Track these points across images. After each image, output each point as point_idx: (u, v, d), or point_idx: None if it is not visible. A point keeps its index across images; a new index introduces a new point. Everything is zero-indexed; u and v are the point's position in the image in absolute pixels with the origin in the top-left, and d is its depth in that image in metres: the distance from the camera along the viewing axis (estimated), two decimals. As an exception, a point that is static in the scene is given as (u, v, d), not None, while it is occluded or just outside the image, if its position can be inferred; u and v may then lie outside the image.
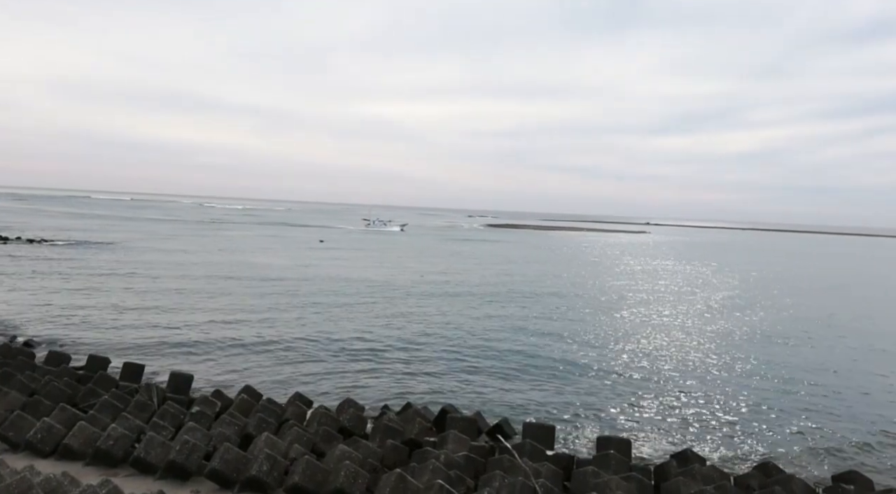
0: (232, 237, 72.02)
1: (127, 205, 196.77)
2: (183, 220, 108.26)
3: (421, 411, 12.84)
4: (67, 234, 60.55)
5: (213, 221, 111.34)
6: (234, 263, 43.13)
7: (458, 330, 24.14)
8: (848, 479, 10.38)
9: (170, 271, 36.91)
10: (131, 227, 79.88)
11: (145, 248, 50.70)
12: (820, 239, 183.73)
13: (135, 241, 56.94)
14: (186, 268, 38.60)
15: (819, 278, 55.80)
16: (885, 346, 25.18)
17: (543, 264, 56.95)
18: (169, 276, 34.60)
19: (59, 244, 50.20)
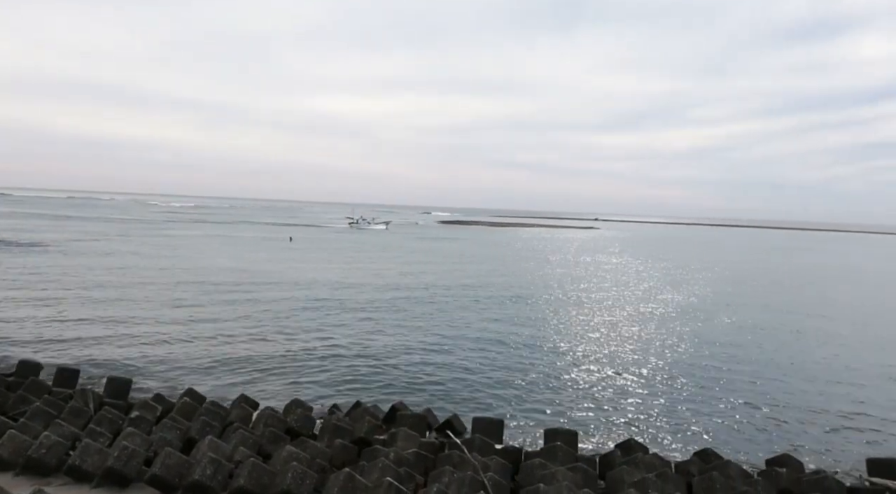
0: (176, 236, 69.89)
1: (61, 202, 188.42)
2: (122, 219, 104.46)
3: (370, 409, 12.77)
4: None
5: (154, 220, 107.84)
6: (177, 264, 41.93)
7: (411, 329, 24.11)
8: (780, 462, 10.86)
9: (107, 273, 35.57)
10: (65, 227, 76.48)
11: (81, 250, 48.60)
12: (758, 232, 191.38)
13: (68, 243, 54.34)
14: (125, 270, 37.30)
15: (758, 270, 58.11)
16: (819, 335, 26.41)
17: (495, 261, 57.46)
18: (105, 278, 33.35)
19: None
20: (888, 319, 31.68)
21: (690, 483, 9.88)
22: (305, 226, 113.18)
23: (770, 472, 10.40)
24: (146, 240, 61.82)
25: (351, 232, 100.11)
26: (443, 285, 37.10)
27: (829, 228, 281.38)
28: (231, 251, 53.80)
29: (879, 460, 10.70)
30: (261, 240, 70.55)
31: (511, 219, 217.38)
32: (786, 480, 10.06)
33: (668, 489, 9.35)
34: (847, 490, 9.93)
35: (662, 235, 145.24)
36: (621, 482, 9.60)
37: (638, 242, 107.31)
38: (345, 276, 39.08)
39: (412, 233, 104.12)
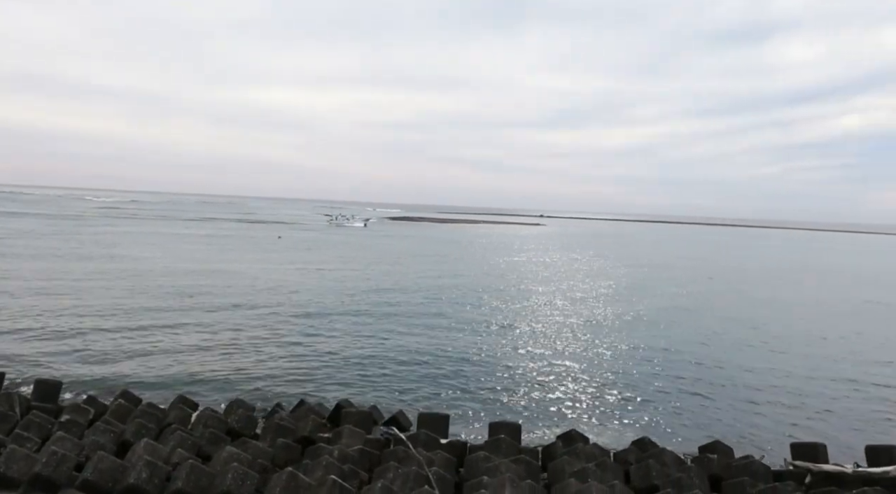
0: (108, 233, 67.18)
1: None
2: (51, 215, 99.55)
3: (315, 408, 12.64)
4: None
5: (81, 216, 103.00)
6: (111, 261, 40.36)
7: (357, 326, 23.97)
8: (712, 449, 11.35)
9: (36, 272, 33.90)
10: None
11: (6, 248, 46.16)
12: (693, 229, 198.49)
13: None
14: (53, 269, 35.63)
15: (696, 265, 60.30)
16: (749, 326, 27.65)
17: (442, 257, 57.62)
18: (33, 277, 31.79)
19: None
20: (813, 311, 33.40)
21: (628, 472, 10.21)
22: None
23: (702, 458, 10.86)
24: (82, 237, 59.15)
25: (332, 230, 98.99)
26: (391, 284, 37.00)
27: (756, 225, 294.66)
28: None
29: (802, 444, 11.31)
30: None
31: (458, 215, 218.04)
32: (717, 466, 10.53)
33: (606, 477, 9.63)
34: (773, 473, 10.46)
35: (604, 231, 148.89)
36: (562, 472, 9.84)
37: (582, 238, 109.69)
38: (299, 275, 38.48)
39: (365, 231, 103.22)
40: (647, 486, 9.67)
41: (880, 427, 14.88)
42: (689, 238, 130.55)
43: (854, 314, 32.66)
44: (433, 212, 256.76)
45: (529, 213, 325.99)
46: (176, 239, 63.14)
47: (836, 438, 13.76)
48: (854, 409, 16.17)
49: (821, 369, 20.18)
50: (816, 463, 10.64)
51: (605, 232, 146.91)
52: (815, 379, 18.95)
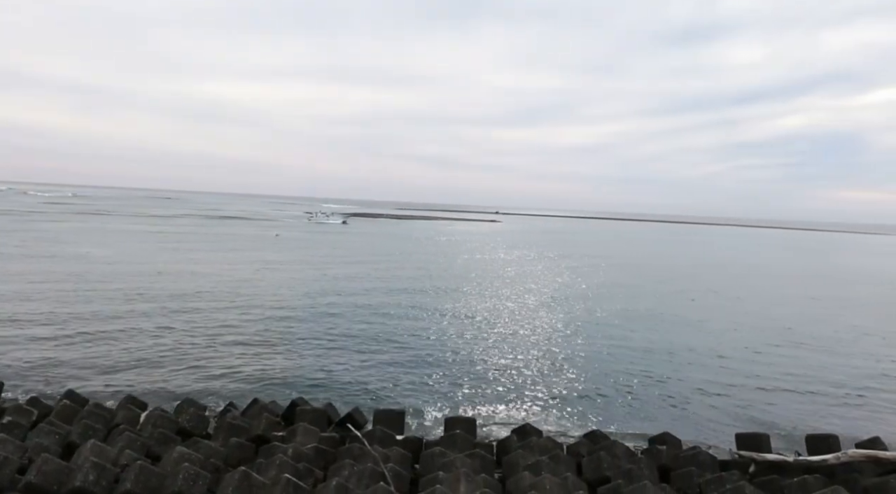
0: (56, 230, 64.68)
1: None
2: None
3: (269, 405, 12.48)
4: None
5: (25, 212, 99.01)
6: (56, 259, 38.90)
7: (312, 323, 23.72)
8: (661, 440, 11.70)
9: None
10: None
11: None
12: (646, 226, 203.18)
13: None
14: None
15: (646, 261, 61.76)
16: (698, 319, 28.50)
17: (402, 253, 57.48)
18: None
19: None
20: (758, 303, 34.60)
21: (580, 464, 10.44)
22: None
23: (652, 450, 11.19)
24: (27, 234, 56.75)
25: (312, 227, 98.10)
26: (348, 281, 36.75)
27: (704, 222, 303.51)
28: (116, 243, 50.46)
29: (746, 435, 11.76)
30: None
31: (415, 211, 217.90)
32: (666, 457, 10.86)
33: (559, 470, 9.82)
34: (719, 463, 10.85)
35: (559, 228, 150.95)
36: (516, 465, 10.00)
37: (537, 235, 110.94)
38: (259, 273, 37.79)
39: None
40: (598, 478, 9.91)
41: (820, 415, 15.56)
42: (642, 235, 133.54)
43: (793, 307, 33.98)
44: (390, 208, 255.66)
45: (485, 210, 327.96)
46: (130, 235, 61.21)
47: (779, 428, 14.37)
48: (795, 400, 16.86)
49: (763, 361, 20.96)
50: (760, 453, 11.08)
51: (559, 229, 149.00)
52: (758, 370, 19.67)
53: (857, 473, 10.10)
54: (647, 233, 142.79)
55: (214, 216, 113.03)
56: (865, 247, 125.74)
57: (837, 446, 11.06)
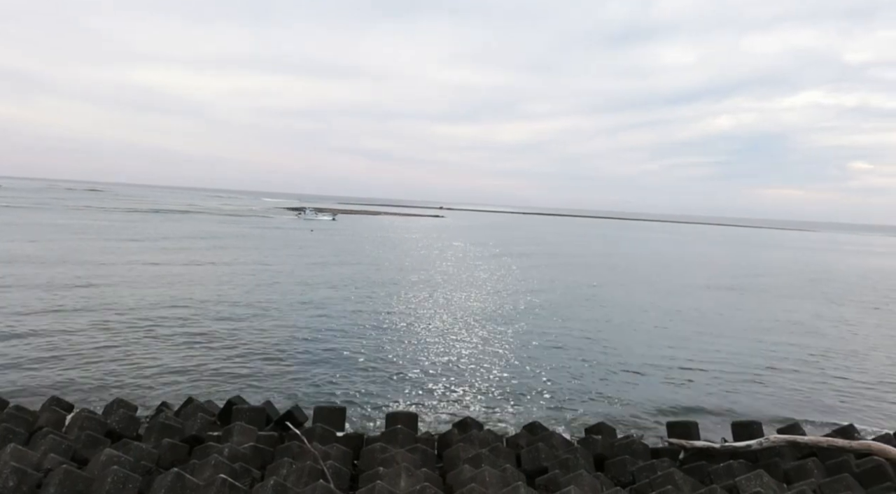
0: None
1: None
2: None
3: (204, 405, 12.14)
4: None
5: None
6: None
7: (252, 320, 23.19)
8: (597, 430, 12.03)
9: None
10: None
11: None
12: (586, 222, 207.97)
13: None
14: None
15: (585, 255, 63.22)
16: (631, 310, 29.41)
17: (343, 248, 56.84)
18: None
19: None
20: (689, 296, 35.98)
21: (519, 455, 10.62)
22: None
23: (588, 439, 11.49)
24: None
25: (301, 224, 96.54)
26: (285, 278, 36.10)
27: (641, 218, 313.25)
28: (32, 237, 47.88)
29: (676, 422, 12.22)
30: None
31: (358, 206, 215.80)
32: (601, 446, 11.18)
33: (499, 462, 9.96)
34: (651, 450, 11.25)
35: (502, 223, 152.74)
36: (457, 458, 10.08)
37: (479, 230, 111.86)
38: (193, 270, 36.57)
39: (253, 222, 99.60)
40: (536, 468, 10.11)
41: (745, 402, 16.33)
42: (582, 231, 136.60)
43: (718, 299, 35.52)
44: (332, 202, 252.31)
45: (430, 205, 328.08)
46: (59, 230, 58.15)
47: (708, 415, 15.01)
48: (723, 388, 17.64)
49: (692, 352, 21.84)
50: (689, 440, 11.55)
51: (502, 224, 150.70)
52: (689, 360, 20.48)
53: (778, 457, 10.67)
54: (587, 229, 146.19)
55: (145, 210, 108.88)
56: (784, 241, 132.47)
57: (760, 432, 11.65)
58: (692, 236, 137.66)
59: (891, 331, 28.20)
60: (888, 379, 19.47)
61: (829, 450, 10.69)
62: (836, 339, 25.65)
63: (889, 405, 16.85)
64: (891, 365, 21.39)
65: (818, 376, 19.48)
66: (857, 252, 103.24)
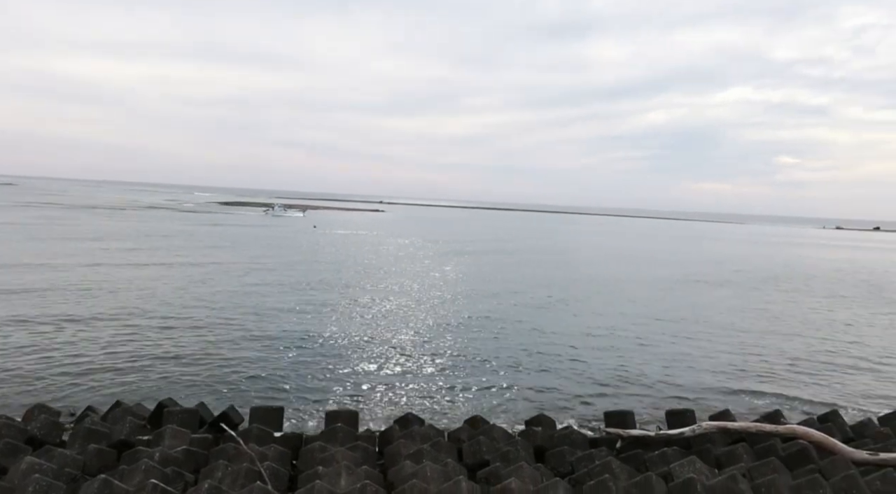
0: None
1: None
2: None
3: (133, 409, 11.60)
4: None
5: None
6: None
7: (185, 320, 22.38)
8: (537, 422, 12.17)
9: None
10: None
11: None
12: (526, 216, 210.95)
13: None
14: None
15: (527, 249, 64.09)
16: (571, 304, 29.98)
17: (278, 246, 55.66)
18: None
19: None
20: (629, 288, 37.00)
21: (461, 449, 10.62)
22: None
23: (528, 431, 11.62)
24: None
25: (270, 221, 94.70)
26: (221, 276, 35.05)
27: (579, 212, 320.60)
28: None
29: (614, 412, 12.51)
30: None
31: (294, 200, 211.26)
32: (541, 437, 11.31)
33: (440, 457, 9.93)
34: (589, 440, 11.47)
35: (443, 218, 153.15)
36: (398, 455, 9.99)
37: (419, 224, 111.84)
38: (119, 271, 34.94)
39: (187, 217, 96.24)
40: (477, 461, 10.13)
41: (679, 390, 16.90)
42: (522, 224, 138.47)
43: (661, 290, 36.71)
44: (266, 196, 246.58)
45: (370, 199, 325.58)
46: None
47: (644, 405, 15.45)
48: (658, 378, 18.19)
49: (629, 342, 22.46)
50: (626, 429, 11.83)
51: (443, 218, 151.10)
52: (626, 350, 21.03)
53: (710, 443, 11.06)
54: (527, 223, 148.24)
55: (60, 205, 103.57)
56: (716, 233, 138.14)
57: (693, 419, 12.06)
58: (630, 229, 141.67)
59: (807, 316, 29.78)
60: (809, 363, 20.55)
61: (757, 435, 11.17)
62: (761, 325, 26.86)
63: (811, 389, 17.78)
64: (813, 349, 22.57)
65: (747, 360, 20.35)
66: (785, 243, 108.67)
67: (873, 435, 11.93)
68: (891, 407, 15.79)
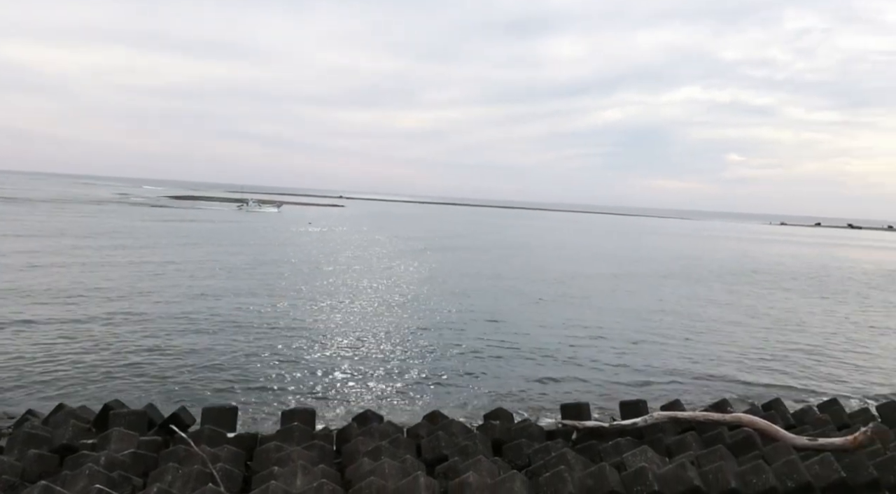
0: None
1: None
2: None
3: (76, 411, 11.16)
4: None
5: None
6: None
7: (129, 316, 21.69)
8: (495, 415, 12.24)
9: None
10: None
11: None
12: (483, 211, 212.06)
13: None
14: None
15: (485, 245, 64.47)
16: (525, 295, 30.29)
17: (231, 242, 54.54)
18: None
19: None
20: (581, 282, 37.62)
21: (420, 445, 10.60)
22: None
23: (486, 425, 11.67)
24: None
25: (243, 215, 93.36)
26: (173, 271, 34.13)
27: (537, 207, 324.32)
28: None
29: (569, 405, 12.67)
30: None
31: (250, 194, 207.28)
32: (499, 431, 11.38)
33: (399, 453, 9.88)
34: (546, 433, 11.59)
35: (404, 213, 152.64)
36: (356, 452, 9.90)
37: (382, 220, 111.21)
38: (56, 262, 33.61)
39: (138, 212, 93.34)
40: (436, 457, 10.13)
41: (632, 382, 17.26)
42: (478, 219, 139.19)
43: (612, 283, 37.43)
44: (220, 190, 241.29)
45: (329, 194, 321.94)
46: None
47: (599, 395, 15.74)
48: (613, 369, 18.54)
49: (586, 333, 22.83)
50: (581, 421, 12.00)
51: (405, 214, 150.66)
52: (582, 343, 21.38)
53: (661, 433, 11.32)
54: (485, 218, 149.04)
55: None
56: (667, 228, 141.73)
57: (645, 409, 12.33)
58: (585, 225, 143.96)
59: (751, 306, 30.84)
60: (755, 352, 21.27)
61: (705, 424, 11.48)
62: (708, 315, 27.67)
63: (755, 377, 18.41)
64: (757, 338, 23.35)
65: (695, 351, 20.94)
66: (734, 239, 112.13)
67: (813, 422, 12.43)
68: (830, 393, 16.49)
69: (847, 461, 9.67)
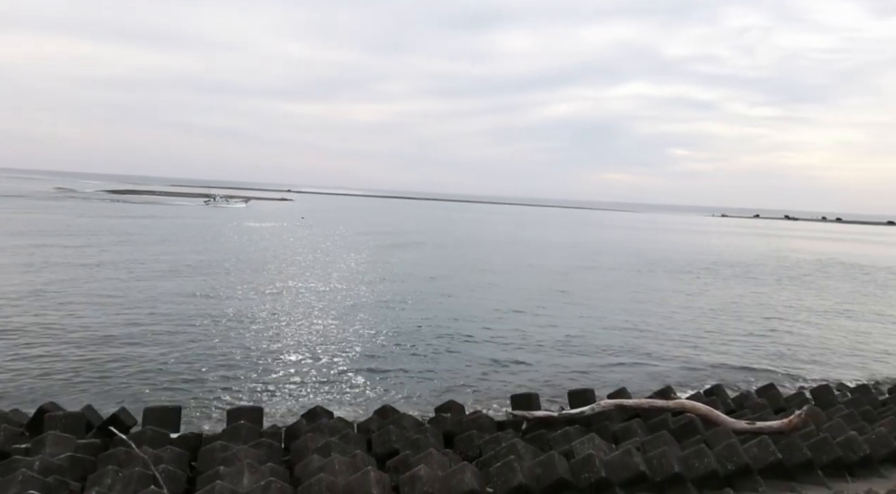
0: None
1: None
2: None
3: (8, 415, 10.66)
4: None
5: None
6: None
7: (64, 313, 20.82)
8: (446, 408, 12.28)
9: None
10: None
11: None
12: (436, 205, 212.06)
13: None
14: None
15: (437, 238, 64.52)
16: (476, 289, 30.48)
17: (174, 238, 53.01)
18: None
19: None
20: (534, 276, 38.07)
21: (370, 440, 10.54)
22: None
23: (438, 418, 11.70)
24: None
25: (209, 210, 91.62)
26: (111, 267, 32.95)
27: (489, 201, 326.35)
28: None
29: (519, 395, 12.81)
30: None
31: (194, 188, 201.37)
32: (450, 423, 11.43)
33: (349, 449, 9.80)
34: (496, 423, 11.70)
35: (354, 206, 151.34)
36: (305, 449, 9.76)
37: (326, 214, 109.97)
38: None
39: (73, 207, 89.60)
40: (387, 451, 10.10)
41: (579, 371, 17.59)
42: (430, 213, 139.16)
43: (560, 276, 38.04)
44: (162, 184, 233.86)
45: (277, 188, 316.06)
46: None
47: (548, 385, 15.98)
48: (562, 359, 18.85)
49: (534, 324, 23.14)
50: (531, 411, 12.16)
51: (351, 207, 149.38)
52: (530, 334, 21.65)
53: (608, 420, 11.59)
54: (438, 212, 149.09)
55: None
56: (617, 221, 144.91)
57: (593, 398, 12.57)
58: (537, 219, 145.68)
59: (691, 295, 31.89)
60: (696, 339, 21.98)
61: (650, 411, 11.81)
62: (652, 305, 28.45)
63: (696, 363, 19.03)
64: (697, 326, 24.14)
65: (640, 339, 21.50)
66: (677, 230, 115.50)
67: (752, 406, 12.95)
68: (766, 378, 17.19)
69: (783, 443, 10.11)
